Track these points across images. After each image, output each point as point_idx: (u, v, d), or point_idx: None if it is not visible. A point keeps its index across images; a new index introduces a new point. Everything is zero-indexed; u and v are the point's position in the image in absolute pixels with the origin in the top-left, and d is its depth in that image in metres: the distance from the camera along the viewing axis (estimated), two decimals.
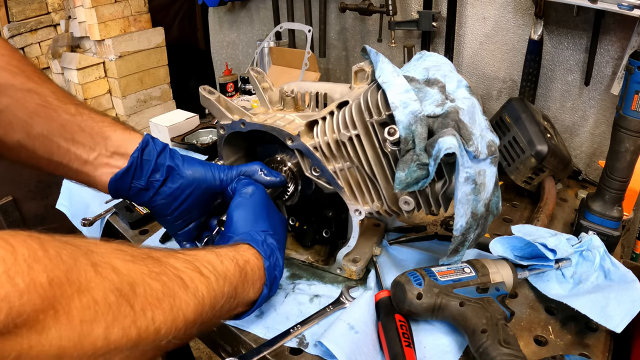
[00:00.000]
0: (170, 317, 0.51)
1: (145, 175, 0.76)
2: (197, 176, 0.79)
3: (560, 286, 0.82)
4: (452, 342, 0.74)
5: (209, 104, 0.86)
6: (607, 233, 0.93)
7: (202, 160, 0.82)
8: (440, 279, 0.73)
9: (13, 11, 2.44)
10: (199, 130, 1.48)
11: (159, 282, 0.50)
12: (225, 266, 0.63)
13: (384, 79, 0.71)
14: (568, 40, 1.23)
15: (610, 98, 1.21)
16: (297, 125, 0.81)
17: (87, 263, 0.43)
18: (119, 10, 2.37)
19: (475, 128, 0.71)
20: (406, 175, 0.70)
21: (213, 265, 0.61)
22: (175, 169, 0.77)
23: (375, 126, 0.73)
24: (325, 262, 0.91)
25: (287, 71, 1.65)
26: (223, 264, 0.63)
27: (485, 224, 0.77)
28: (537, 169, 1.08)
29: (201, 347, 2.08)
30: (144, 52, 2.49)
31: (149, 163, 0.75)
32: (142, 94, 2.57)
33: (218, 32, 2.28)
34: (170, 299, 0.51)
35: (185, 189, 0.78)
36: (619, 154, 0.88)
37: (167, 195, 0.78)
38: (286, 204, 0.90)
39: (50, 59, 2.60)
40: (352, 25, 1.71)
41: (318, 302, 0.83)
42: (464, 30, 1.41)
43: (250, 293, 0.68)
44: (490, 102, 1.44)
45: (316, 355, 0.72)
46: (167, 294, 0.51)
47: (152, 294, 0.49)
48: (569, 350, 0.72)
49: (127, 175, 0.74)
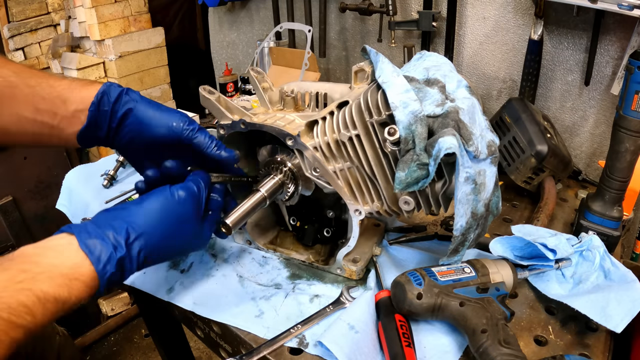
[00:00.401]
0: None
1: (104, 124, 0.78)
2: (147, 117, 0.78)
3: (560, 286, 0.82)
4: (452, 342, 0.74)
5: (209, 104, 0.86)
6: (607, 233, 0.93)
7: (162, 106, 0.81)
8: (440, 279, 0.73)
9: (13, 11, 2.44)
10: None
11: None
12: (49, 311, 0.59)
13: (384, 79, 0.71)
14: (568, 40, 1.23)
15: (610, 98, 1.21)
16: (297, 125, 0.81)
17: None
18: (119, 10, 2.37)
19: (475, 128, 0.71)
20: (406, 175, 0.70)
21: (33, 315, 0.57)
22: (132, 111, 0.78)
23: (375, 126, 0.73)
24: (325, 262, 0.91)
25: (287, 71, 1.65)
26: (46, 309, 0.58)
27: (485, 224, 0.77)
28: (537, 169, 1.08)
29: (201, 347, 2.08)
30: (144, 52, 2.49)
31: (106, 113, 0.78)
32: (142, 93, 2.58)
33: (218, 32, 2.28)
34: None
35: (136, 133, 0.79)
36: (619, 154, 0.88)
37: (125, 139, 0.80)
38: (286, 204, 0.90)
39: (50, 59, 2.60)
40: (352, 25, 1.72)
41: (318, 302, 0.82)
42: (464, 30, 1.41)
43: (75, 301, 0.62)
44: (490, 102, 1.44)
45: (316, 355, 0.72)
46: None
47: None
48: (569, 350, 0.72)
49: (89, 129, 0.77)
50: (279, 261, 0.93)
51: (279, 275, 0.90)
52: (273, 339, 0.74)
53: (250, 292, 0.85)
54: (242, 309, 0.81)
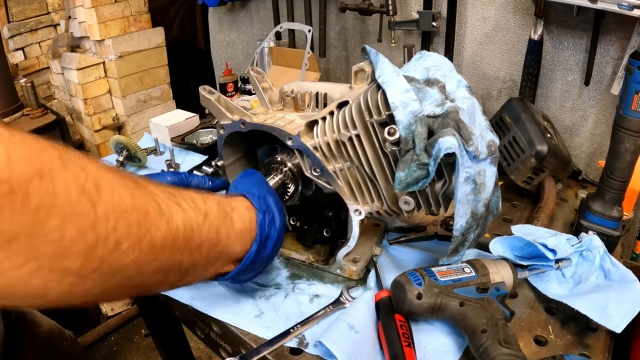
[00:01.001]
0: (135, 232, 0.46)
1: None
2: None
3: (560, 286, 0.82)
4: (452, 342, 0.74)
5: (209, 104, 0.86)
6: (607, 233, 0.93)
7: None
8: (440, 279, 0.73)
9: (13, 11, 2.44)
10: (199, 130, 1.48)
11: (131, 195, 0.47)
12: (208, 205, 0.59)
13: (384, 79, 0.71)
14: (568, 40, 1.23)
15: (610, 98, 1.21)
16: (297, 125, 0.81)
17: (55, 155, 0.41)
18: (119, 10, 2.37)
19: (475, 128, 0.71)
20: (406, 175, 0.70)
21: (194, 201, 0.57)
22: None
23: (375, 126, 0.73)
24: (325, 262, 0.91)
25: (287, 71, 1.65)
26: (206, 203, 0.59)
27: (485, 224, 0.77)
28: (537, 169, 1.08)
29: (201, 347, 2.08)
30: (144, 52, 2.49)
31: None
32: (142, 94, 2.57)
33: (218, 32, 2.28)
34: (139, 214, 0.47)
35: None
36: (619, 154, 0.88)
37: None
38: (286, 204, 0.90)
39: (50, 59, 2.60)
40: (352, 25, 1.71)
41: (318, 302, 0.82)
42: (464, 30, 1.41)
43: (237, 246, 0.64)
44: (490, 102, 1.44)
45: (316, 355, 0.72)
46: (137, 208, 0.47)
47: (120, 203, 0.45)
48: (569, 350, 0.72)
49: None
50: (279, 261, 0.93)
51: (279, 275, 0.90)
52: (273, 339, 0.74)
53: (250, 291, 0.85)
54: (242, 308, 0.81)
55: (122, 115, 2.56)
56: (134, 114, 2.58)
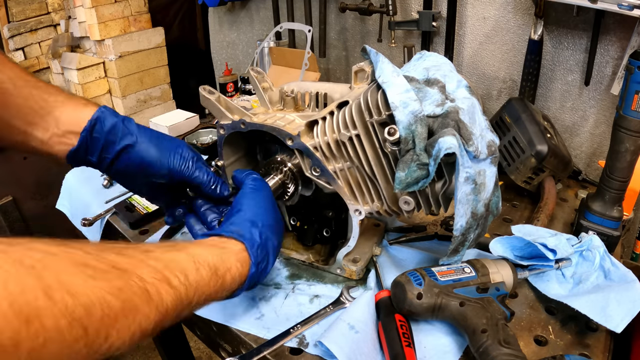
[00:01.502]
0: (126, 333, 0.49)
1: (96, 151, 0.78)
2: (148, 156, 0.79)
3: (560, 286, 0.82)
4: (452, 342, 0.74)
5: (209, 104, 0.86)
6: (607, 233, 0.93)
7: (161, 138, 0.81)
8: (440, 279, 0.73)
9: (13, 11, 2.44)
10: (199, 130, 1.48)
11: (119, 300, 0.48)
12: (201, 275, 0.60)
13: (384, 79, 0.71)
14: (568, 40, 1.23)
15: (610, 98, 1.21)
16: (297, 125, 0.81)
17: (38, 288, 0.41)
18: (119, 10, 2.37)
19: (475, 128, 0.71)
20: (406, 175, 0.70)
21: (186, 274, 0.58)
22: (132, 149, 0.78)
23: (375, 126, 0.73)
24: (325, 262, 0.91)
25: (287, 71, 1.65)
26: (198, 272, 0.60)
27: (485, 224, 0.77)
28: (537, 169, 1.08)
29: (201, 347, 2.08)
30: (144, 52, 2.49)
31: (97, 140, 0.77)
32: (142, 94, 2.57)
33: (218, 32, 2.28)
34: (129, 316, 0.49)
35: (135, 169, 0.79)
36: (619, 154, 0.88)
37: (121, 171, 0.80)
38: (286, 204, 0.90)
39: (50, 59, 2.60)
40: (352, 25, 1.71)
41: (318, 302, 0.82)
42: (464, 30, 1.41)
43: (224, 295, 0.67)
44: (490, 102, 1.44)
45: (316, 355, 0.72)
46: (127, 309, 0.49)
47: (110, 313, 0.46)
48: (569, 350, 0.72)
49: (79, 152, 0.77)
50: (279, 261, 0.93)
51: (279, 275, 0.90)
52: (273, 339, 0.74)
53: (250, 292, 0.85)
54: (242, 309, 0.81)
55: None
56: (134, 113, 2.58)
